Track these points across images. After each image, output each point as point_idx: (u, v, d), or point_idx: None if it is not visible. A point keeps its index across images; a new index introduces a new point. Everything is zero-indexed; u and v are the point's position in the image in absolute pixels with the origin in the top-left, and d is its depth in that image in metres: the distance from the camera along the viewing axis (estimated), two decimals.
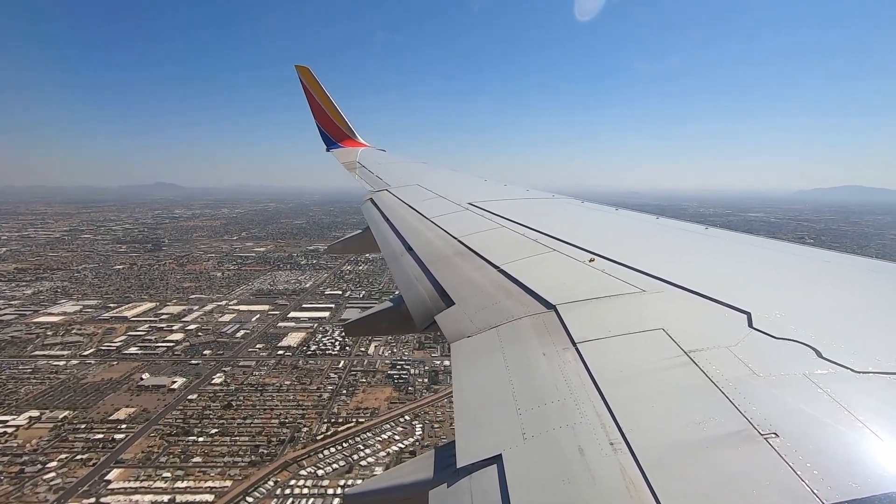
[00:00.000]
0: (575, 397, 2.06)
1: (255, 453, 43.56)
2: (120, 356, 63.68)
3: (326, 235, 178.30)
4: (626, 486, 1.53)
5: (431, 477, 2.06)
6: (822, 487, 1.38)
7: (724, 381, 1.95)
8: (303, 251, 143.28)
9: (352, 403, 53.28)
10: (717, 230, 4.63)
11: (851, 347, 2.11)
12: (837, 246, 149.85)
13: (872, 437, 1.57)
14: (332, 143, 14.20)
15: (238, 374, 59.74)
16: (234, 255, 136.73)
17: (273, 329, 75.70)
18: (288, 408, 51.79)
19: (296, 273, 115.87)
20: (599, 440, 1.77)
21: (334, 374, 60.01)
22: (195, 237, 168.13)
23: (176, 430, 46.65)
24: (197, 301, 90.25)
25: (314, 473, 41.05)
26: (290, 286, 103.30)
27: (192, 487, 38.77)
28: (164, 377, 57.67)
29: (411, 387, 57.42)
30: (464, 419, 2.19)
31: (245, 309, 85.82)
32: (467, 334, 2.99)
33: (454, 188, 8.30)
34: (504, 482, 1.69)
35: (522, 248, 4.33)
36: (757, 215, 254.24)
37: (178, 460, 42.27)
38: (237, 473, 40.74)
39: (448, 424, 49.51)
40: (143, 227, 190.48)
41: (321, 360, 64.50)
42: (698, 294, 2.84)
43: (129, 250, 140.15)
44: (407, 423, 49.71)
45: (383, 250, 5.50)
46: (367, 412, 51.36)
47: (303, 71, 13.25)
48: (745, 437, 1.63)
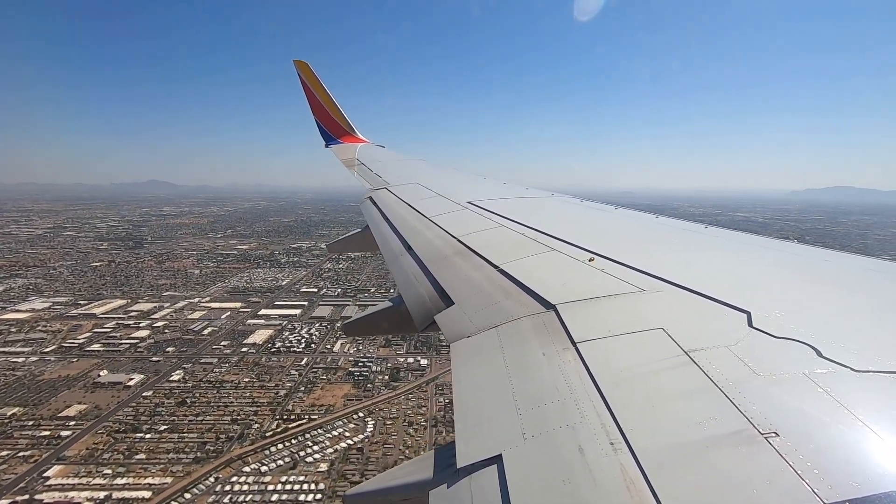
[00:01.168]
0: (575, 397, 2.06)
1: (202, 450, 43.33)
2: (81, 353, 63.27)
3: (312, 233, 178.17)
4: (627, 486, 1.53)
5: (431, 477, 2.07)
6: (822, 487, 1.37)
7: (724, 381, 1.94)
8: (285, 249, 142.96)
9: (308, 400, 53.07)
10: (717, 229, 4.63)
11: (851, 346, 2.10)
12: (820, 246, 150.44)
13: (873, 436, 1.57)
14: (331, 139, 14.10)
15: (198, 371, 59.45)
16: (216, 252, 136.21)
17: (241, 326, 75.40)
18: (242, 405, 51.56)
19: (274, 271, 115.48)
20: (599, 440, 1.77)
21: (295, 372, 59.77)
22: (179, 235, 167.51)
23: (124, 427, 46.36)
24: (169, 298, 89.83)
25: (257, 470, 40.86)
26: (266, 284, 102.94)
27: (131, 484, 38.50)
28: (122, 374, 57.35)
29: (371, 384, 57.29)
30: (464, 419, 2.19)
31: (217, 306, 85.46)
32: (467, 334, 3.00)
33: (453, 187, 8.31)
34: (504, 482, 1.69)
35: (522, 247, 4.33)
36: (746, 215, 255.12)
37: (121, 457, 42.01)
38: (179, 470, 40.51)
39: (401, 421, 49.44)
40: (128, 225, 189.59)
41: (285, 357, 64.26)
42: (698, 293, 2.84)
43: (110, 248, 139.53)
44: (360, 419, 49.55)
45: (382, 249, 5.52)
46: (322, 409, 51.20)
47: (301, 66, 13.10)
48: (745, 437, 1.62)
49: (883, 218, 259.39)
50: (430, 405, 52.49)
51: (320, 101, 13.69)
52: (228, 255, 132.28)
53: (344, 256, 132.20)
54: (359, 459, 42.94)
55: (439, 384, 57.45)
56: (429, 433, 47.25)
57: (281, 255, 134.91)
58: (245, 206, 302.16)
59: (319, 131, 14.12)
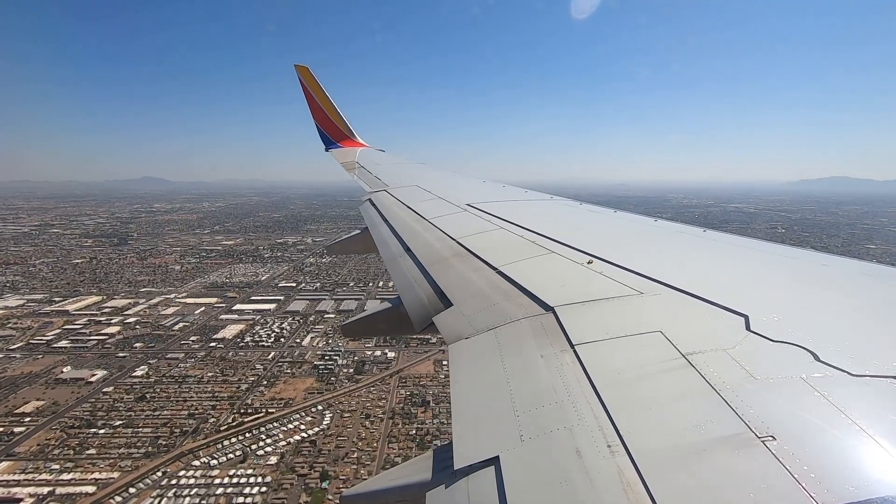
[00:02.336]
0: (572, 399, 2.07)
1: (154, 445, 43.33)
2: (48, 350, 63.12)
3: (300, 229, 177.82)
4: (624, 489, 1.54)
5: (429, 478, 2.06)
6: (819, 491, 1.38)
7: (722, 384, 1.95)
8: (270, 244, 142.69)
9: (268, 394, 53.05)
10: (716, 233, 4.65)
11: (848, 351, 2.11)
12: (807, 235, 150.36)
13: (869, 440, 1.57)
14: (331, 143, 14.27)
15: (163, 366, 59.38)
16: (200, 248, 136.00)
17: (213, 322, 75.31)
18: (202, 399, 51.51)
19: (256, 266, 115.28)
20: (597, 442, 1.77)
21: (260, 366, 59.75)
22: (166, 231, 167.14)
23: (79, 423, 46.35)
24: (146, 294, 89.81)
25: (206, 464, 40.87)
26: (245, 279, 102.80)
27: (77, 479, 38.46)
28: (85, 370, 57.26)
29: (334, 377, 57.28)
30: (461, 421, 2.19)
31: (192, 302, 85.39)
32: (465, 336, 2.99)
33: (452, 189, 8.39)
34: (501, 484, 1.70)
35: (520, 249, 4.35)
36: (738, 206, 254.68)
37: (71, 452, 41.99)
38: (128, 465, 40.51)
39: (359, 414, 49.44)
40: (116, 222, 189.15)
41: (252, 352, 64.19)
42: (696, 297, 2.85)
43: (94, 245, 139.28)
44: (318, 412, 49.55)
45: (381, 251, 5.56)
46: (282, 403, 51.19)
47: (302, 70, 13.18)
48: (742, 440, 1.63)
49: (874, 208, 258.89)
50: (390, 398, 52.48)
51: (321, 105, 13.85)
52: (212, 251, 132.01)
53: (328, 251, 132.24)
54: (310, 452, 42.95)
55: (403, 377, 57.48)
56: (385, 425, 47.29)
57: (265, 250, 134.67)
58: (237, 202, 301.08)
59: (320, 135, 14.29)
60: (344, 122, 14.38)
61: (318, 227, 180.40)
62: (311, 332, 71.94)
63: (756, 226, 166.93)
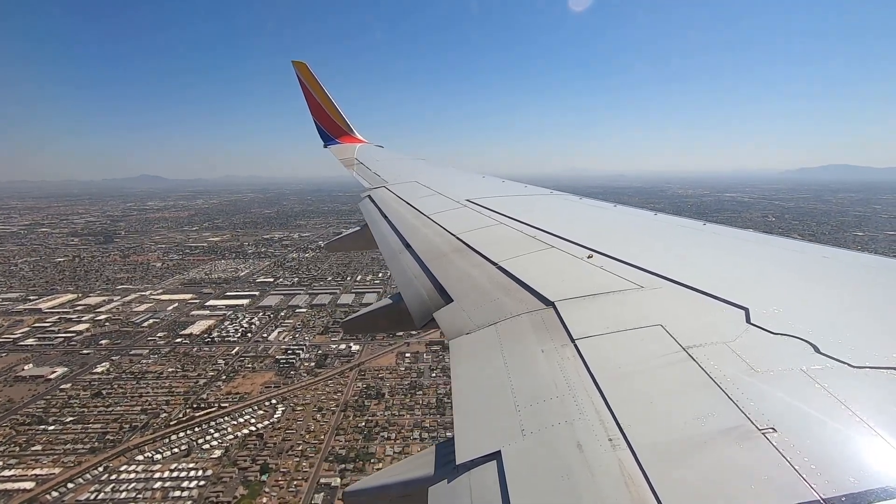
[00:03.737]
0: (574, 394, 2.07)
1: (101, 440, 43.41)
2: (13, 347, 63.34)
3: (290, 224, 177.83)
4: (626, 482, 1.55)
5: (431, 474, 2.07)
6: (819, 482, 1.39)
7: (723, 377, 1.96)
8: (256, 240, 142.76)
9: (225, 389, 53.01)
10: (716, 226, 4.64)
11: (849, 343, 2.10)
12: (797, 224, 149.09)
13: (870, 431, 1.58)
14: (330, 140, 14.20)
15: (125, 363, 59.47)
16: (186, 245, 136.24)
17: (184, 318, 75.35)
18: (157, 395, 51.56)
19: (238, 262, 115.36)
20: (598, 436, 1.78)
21: (222, 361, 59.74)
22: (155, 228, 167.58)
23: (30, 420, 46.49)
24: (122, 292, 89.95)
25: (150, 458, 40.92)
26: (225, 275, 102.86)
27: (17, 476, 38.59)
28: (46, 367, 57.39)
29: (294, 371, 57.21)
30: (463, 416, 2.19)
31: (167, 298, 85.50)
32: (466, 331, 2.99)
33: (452, 185, 8.38)
34: (503, 478, 1.71)
35: (521, 244, 4.36)
36: (733, 195, 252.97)
37: (17, 449, 42.12)
38: (72, 460, 40.61)
39: (312, 407, 49.37)
40: (106, 220, 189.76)
41: (217, 347, 64.17)
42: (696, 290, 2.85)
43: (80, 243, 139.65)
44: (272, 406, 49.51)
45: (381, 248, 5.56)
46: (237, 397, 51.18)
47: (300, 67, 13.06)
48: (743, 433, 1.64)
49: (870, 195, 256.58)
50: (346, 391, 52.39)
51: (319, 101, 13.76)
52: (196, 248, 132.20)
53: (312, 247, 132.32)
54: (256, 445, 42.94)
55: (363, 370, 57.39)
56: (335, 418, 47.21)
57: (250, 246, 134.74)
58: (232, 199, 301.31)
59: (318, 132, 14.20)
60: (342, 118, 14.34)
61: (308, 223, 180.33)
62: (280, 326, 71.91)
63: (748, 215, 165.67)
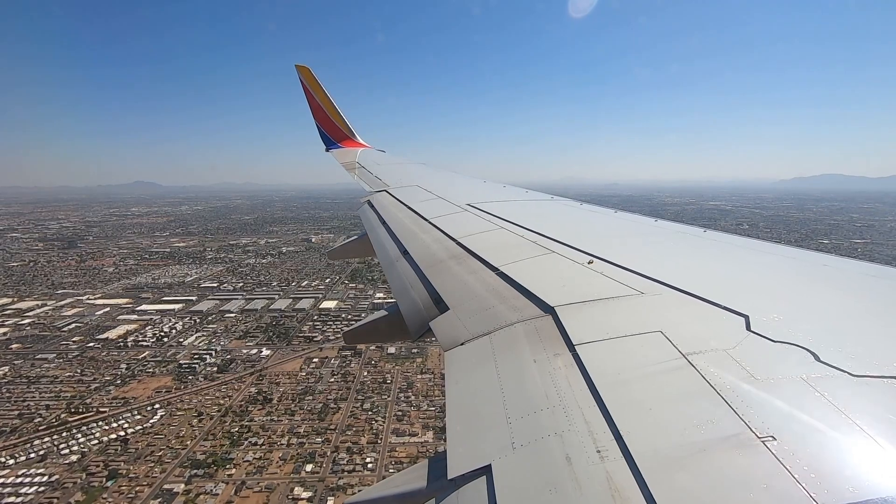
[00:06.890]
0: (565, 405, 2.03)
1: None
2: None
3: (262, 231, 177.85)
4: (612, 495, 1.54)
5: (424, 487, 2.08)
6: (819, 491, 1.37)
7: (722, 384, 1.94)
8: (220, 246, 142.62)
9: (114, 393, 52.09)
10: (716, 233, 4.59)
11: (849, 351, 2.09)
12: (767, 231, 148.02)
13: (870, 440, 1.56)
14: (332, 144, 14.23)
15: (26, 367, 58.78)
16: (148, 250, 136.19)
17: (109, 322, 74.65)
18: (42, 399, 50.75)
19: (192, 267, 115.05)
20: (587, 448, 1.75)
21: (125, 366, 58.95)
22: (126, 234, 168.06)
23: None
24: (61, 296, 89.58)
25: (2, 464, 40.04)
26: (173, 280, 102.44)
27: None
28: None
29: (192, 376, 56.34)
30: (455, 429, 2.16)
31: (101, 303, 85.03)
32: (462, 340, 2.91)
33: (453, 189, 8.39)
34: (492, 493, 1.69)
35: (521, 249, 4.31)
36: (716, 203, 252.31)
37: None
38: None
39: (192, 412, 48.42)
40: (81, 225, 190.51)
41: (127, 352, 63.40)
42: (697, 297, 2.82)
43: (44, 248, 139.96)
44: (151, 411, 48.56)
45: (379, 256, 5.48)
46: (122, 402, 50.31)
47: (303, 71, 13.11)
48: (742, 441, 1.62)
49: (854, 204, 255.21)
50: (235, 396, 51.45)
51: (321, 105, 13.79)
52: (156, 253, 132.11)
53: (273, 252, 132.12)
54: (117, 451, 41.99)
55: (262, 375, 56.51)
56: (211, 424, 46.24)
57: (211, 252, 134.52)
58: (218, 205, 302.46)
59: (320, 135, 14.24)
60: (345, 122, 14.36)
61: (280, 230, 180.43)
62: (201, 331, 71.15)
63: (724, 222, 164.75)
